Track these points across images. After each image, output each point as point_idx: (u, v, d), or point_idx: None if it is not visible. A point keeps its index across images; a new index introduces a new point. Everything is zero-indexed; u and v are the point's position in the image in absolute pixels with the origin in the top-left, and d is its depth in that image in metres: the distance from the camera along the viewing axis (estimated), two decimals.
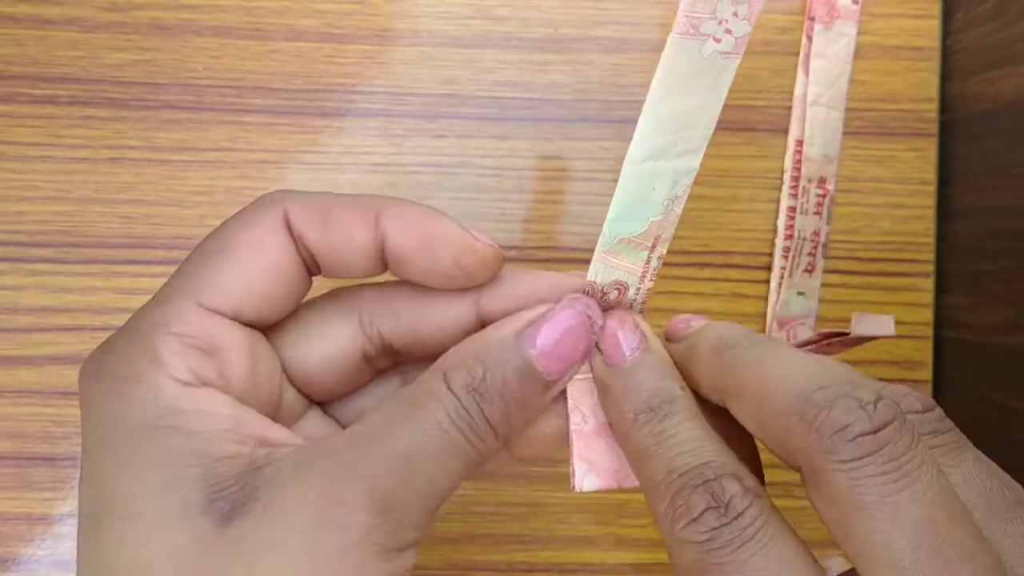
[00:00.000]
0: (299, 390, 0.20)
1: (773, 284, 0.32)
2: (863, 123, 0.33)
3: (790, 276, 0.31)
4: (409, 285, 0.20)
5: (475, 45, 0.32)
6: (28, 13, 0.31)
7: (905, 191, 0.33)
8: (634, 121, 0.32)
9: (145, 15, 0.31)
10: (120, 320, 0.31)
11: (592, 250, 0.32)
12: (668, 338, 0.21)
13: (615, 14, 0.32)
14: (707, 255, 0.32)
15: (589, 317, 0.19)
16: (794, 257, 0.31)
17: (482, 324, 0.20)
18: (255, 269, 0.18)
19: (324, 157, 0.31)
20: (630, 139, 0.32)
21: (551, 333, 0.18)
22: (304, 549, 0.16)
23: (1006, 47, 0.30)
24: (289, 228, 0.19)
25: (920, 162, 0.33)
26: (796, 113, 0.32)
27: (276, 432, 0.18)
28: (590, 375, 0.20)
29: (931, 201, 0.33)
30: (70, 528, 0.31)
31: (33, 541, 0.30)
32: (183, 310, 0.18)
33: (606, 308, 0.20)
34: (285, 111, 0.31)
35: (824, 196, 0.32)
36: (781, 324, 0.32)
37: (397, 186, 0.32)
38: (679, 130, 0.19)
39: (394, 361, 0.21)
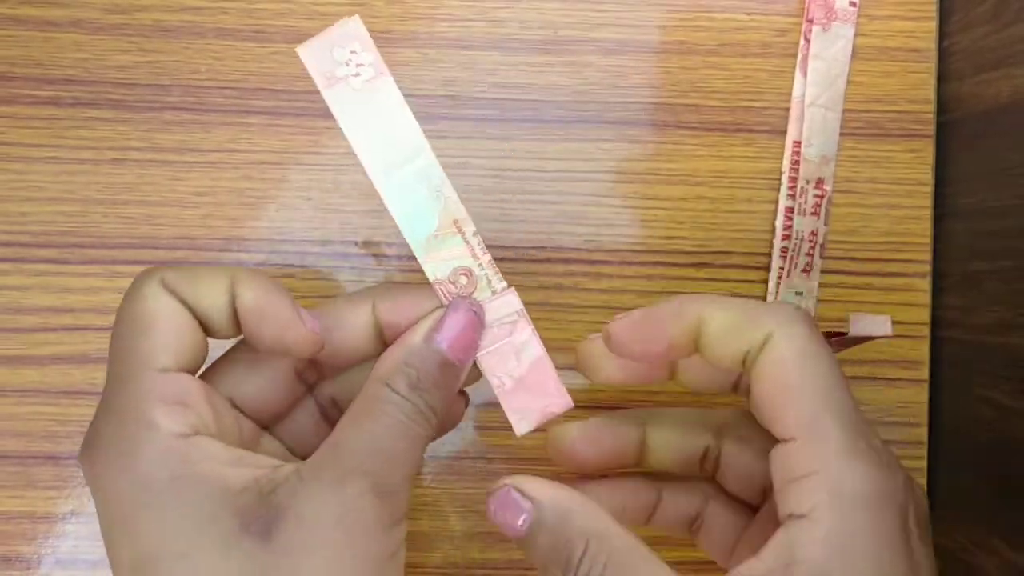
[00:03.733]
0: (250, 418, 0.24)
1: (771, 284, 0.32)
2: (860, 124, 0.33)
3: (788, 276, 0.32)
4: (192, 270, 0.23)
5: (475, 47, 0.32)
6: (32, 15, 0.31)
7: (902, 192, 0.33)
8: (634, 122, 0.32)
9: (148, 17, 0.32)
10: None
11: (592, 250, 0.32)
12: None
13: (614, 16, 0.32)
14: (705, 255, 0.32)
15: (473, 311, 0.24)
16: (792, 257, 0.32)
17: (378, 330, 0.24)
18: (174, 329, 0.22)
19: (326, 158, 0.32)
20: (629, 140, 0.32)
21: (451, 331, 0.23)
22: (338, 541, 0.20)
23: (1003, 49, 0.30)
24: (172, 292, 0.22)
25: (917, 163, 0.33)
26: (794, 114, 0.32)
27: (261, 460, 0.21)
28: (494, 345, 0.24)
29: (928, 202, 0.33)
30: (73, 527, 0.31)
31: (36, 539, 0.31)
32: (148, 378, 0.21)
33: (467, 293, 0.24)
34: (287, 112, 0.32)
35: (822, 197, 0.32)
36: None
37: None
38: (390, 147, 0.23)
39: (316, 375, 0.26)
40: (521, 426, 0.25)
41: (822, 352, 0.21)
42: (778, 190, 0.32)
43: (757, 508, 0.25)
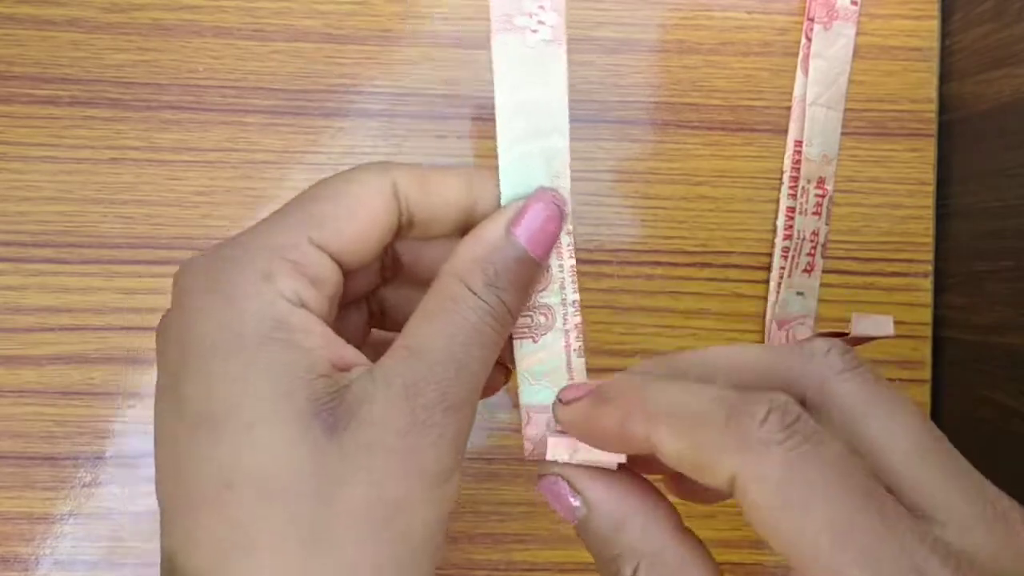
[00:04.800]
0: (335, 257, 0.22)
1: (772, 284, 0.32)
2: (862, 123, 0.33)
3: (789, 276, 0.31)
4: (432, 168, 0.22)
5: (475, 46, 0.32)
6: (30, 14, 0.31)
7: (904, 191, 0.33)
8: (634, 122, 0.32)
9: (146, 16, 0.31)
10: (122, 320, 0.31)
11: (592, 250, 0.32)
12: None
13: (614, 15, 0.32)
14: (707, 255, 0.32)
15: (556, 204, 0.22)
16: (793, 257, 0.31)
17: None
18: (364, 222, 0.21)
19: (325, 157, 0.32)
20: (630, 139, 0.32)
21: (532, 223, 0.21)
22: (401, 451, 0.19)
23: (1005, 48, 0.30)
24: (396, 194, 0.21)
25: (919, 162, 0.33)
26: (795, 113, 0.32)
27: (350, 352, 0.20)
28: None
29: (930, 201, 0.33)
30: (71, 527, 0.31)
31: (34, 540, 0.31)
32: (298, 242, 0.20)
33: (538, 289, 0.23)
34: (286, 111, 0.31)
35: (823, 196, 0.32)
36: (780, 324, 0.32)
37: None
38: (531, 116, 0.22)
39: (393, 271, 0.24)
40: (557, 452, 0.21)
41: (809, 494, 0.15)
42: (779, 189, 0.32)
43: None
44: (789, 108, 0.32)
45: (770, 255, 0.32)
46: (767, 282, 0.32)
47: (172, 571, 0.19)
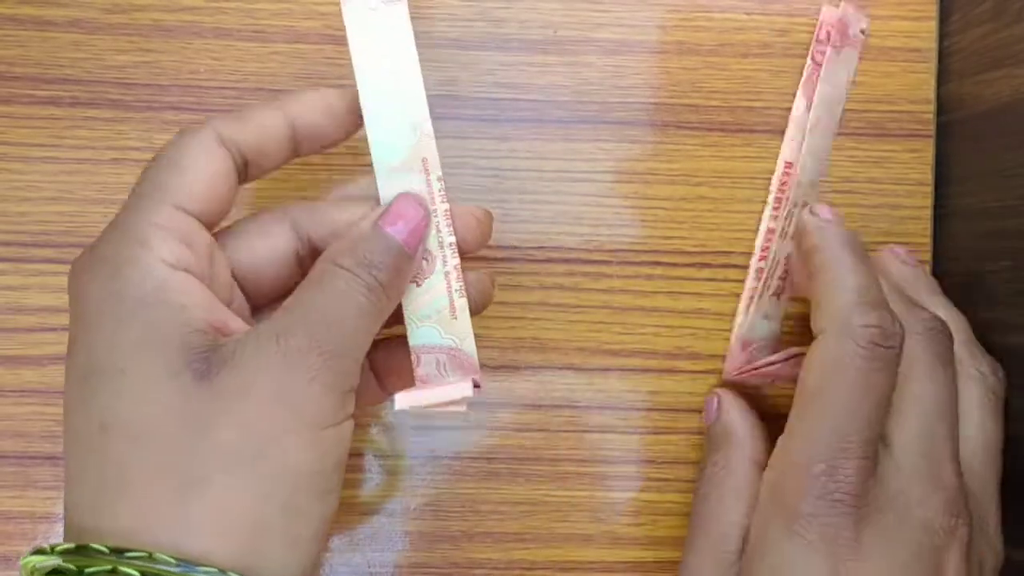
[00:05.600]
0: (244, 290, 0.25)
1: (742, 304, 0.32)
2: (860, 124, 0.33)
3: (760, 298, 0.31)
4: (246, 108, 0.24)
5: (475, 47, 0.32)
6: (30, 15, 0.31)
7: (902, 192, 0.33)
8: (633, 123, 0.32)
9: (147, 17, 0.31)
10: None
11: (592, 250, 0.32)
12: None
13: (614, 16, 0.32)
14: (705, 255, 0.32)
15: (419, 202, 0.24)
16: (766, 280, 0.31)
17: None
18: (209, 176, 0.23)
19: (325, 157, 0.32)
20: (630, 140, 0.32)
21: (399, 217, 0.23)
22: (272, 392, 0.20)
23: (1003, 48, 0.30)
24: (223, 143, 0.23)
25: (917, 163, 0.33)
26: (790, 133, 0.32)
27: (235, 322, 0.22)
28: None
29: (928, 202, 0.33)
30: None
31: (35, 540, 0.31)
32: (162, 209, 0.22)
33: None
34: None
35: None
36: (744, 345, 0.31)
37: None
38: (387, 73, 0.24)
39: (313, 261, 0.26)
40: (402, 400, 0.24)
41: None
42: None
43: None
44: (788, 109, 0.32)
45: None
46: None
47: (65, 508, 0.21)
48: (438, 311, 0.24)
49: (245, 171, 0.24)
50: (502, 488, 0.31)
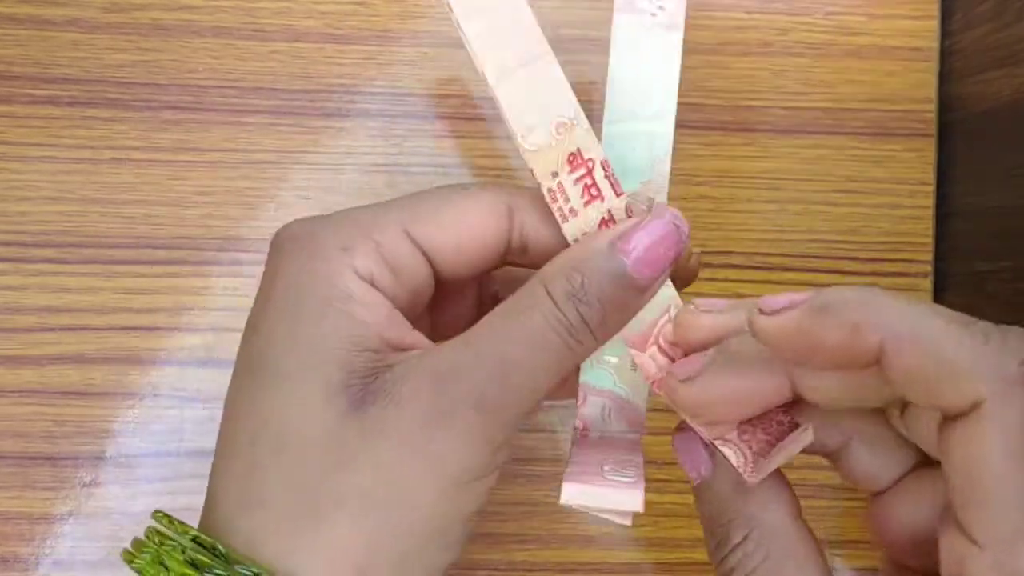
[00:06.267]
0: (435, 269, 0.21)
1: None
2: (862, 123, 0.33)
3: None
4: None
5: None
6: (29, 14, 0.31)
7: (904, 191, 0.33)
8: None
9: (146, 16, 0.31)
10: (122, 320, 0.31)
11: None
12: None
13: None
14: (706, 255, 0.32)
15: (677, 226, 0.20)
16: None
17: None
18: (466, 231, 0.21)
19: (325, 157, 0.32)
20: None
21: (643, 240, 0.19)
22: (417, 440, 0.18)
23: (1005, 48, 0.30)
24: (509, 216, 0.21)
25: (919, 162, 0.33)
26: None
27: (415, 337, 0.20)
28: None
29: (930, 201, 0.33)
30: (71, 527, 0.31)
31: (34, 540, 0.31)
32: (389, 226, 0.20)
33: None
34: (286, 111, 0.31)
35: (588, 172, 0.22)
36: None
37: (397, 186, 0.32)
38: (639, 96, 0.22)
39: (521, 254, 0.22)
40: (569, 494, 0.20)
41: None
42: (779, 190, 0.32)
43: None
44: (789, 108, 0.32)
45: (770, 255, 0.32)
46: (767, 282, 0.32)
47: (208, 508, 0.20)
48: (619, 357, 0.22)
49: (521, 254, 0.22)
50: (502, 489, 0.31)
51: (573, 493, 0.20)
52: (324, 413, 0.19)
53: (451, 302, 0.24)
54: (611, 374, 0.22)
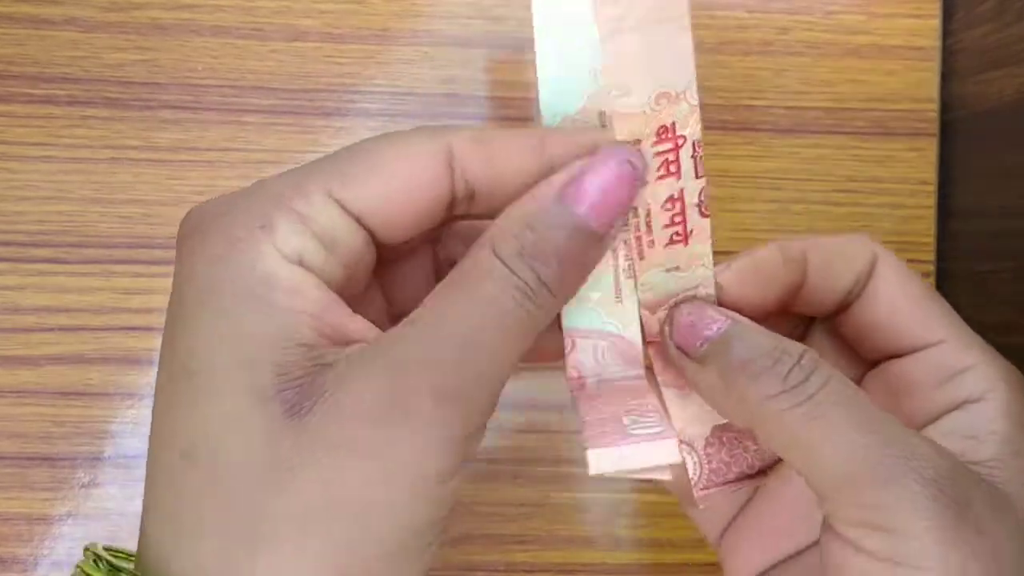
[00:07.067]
0: (373, 237, 0.19)
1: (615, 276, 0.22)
2: (863, 123, 0.33)
3: (642, 259, 0.21)
4: (496, 131, 0.19)
5: (474, 45, 0.32)
6: (28, 13, 0.31)
7: (905, 191, 0.33)
8: None
9: (145, 15, 0.31)
10: (120, 320, 0.31)
11: None
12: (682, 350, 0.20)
13: None
14: None
15: (631, 163, 0.18)
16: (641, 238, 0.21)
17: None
18: (403, 186, 0.18)
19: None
20: None
21: (596, 184, 0.18)
22: (366, 448, 0.16)
23: (1006, 47, 0.30)
24: (449, 162, 0.18)
25: (920, 162, 0.33)
26: None
27: (356, 323, 0.18)
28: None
29: (931, 201, 0.33)
30: (69, 528, 0.31)
31: (32, 541, 0.30)
32: (312, 193, 0.17)
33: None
34: (285, 111, 0.31)
35: (675, 149, 0.22)
36: (652, 309, 0.22)
37: None
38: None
39: (469, 205, 0.20)
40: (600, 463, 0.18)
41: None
42: (780, 189, 0.32)
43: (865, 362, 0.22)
44: (790, 108, 0.32)
45: None
46: None
47: (142, 543, 0.18)
48: (602, 289, 0.20)
49: (469, 202, 0.19)
50: (503, 489, 0.31)
51: (602, 460, 0.17)
52: (258, 423, 0.16)
53: (403, 272, 0.21)
54: (596, 311, 0.20)
